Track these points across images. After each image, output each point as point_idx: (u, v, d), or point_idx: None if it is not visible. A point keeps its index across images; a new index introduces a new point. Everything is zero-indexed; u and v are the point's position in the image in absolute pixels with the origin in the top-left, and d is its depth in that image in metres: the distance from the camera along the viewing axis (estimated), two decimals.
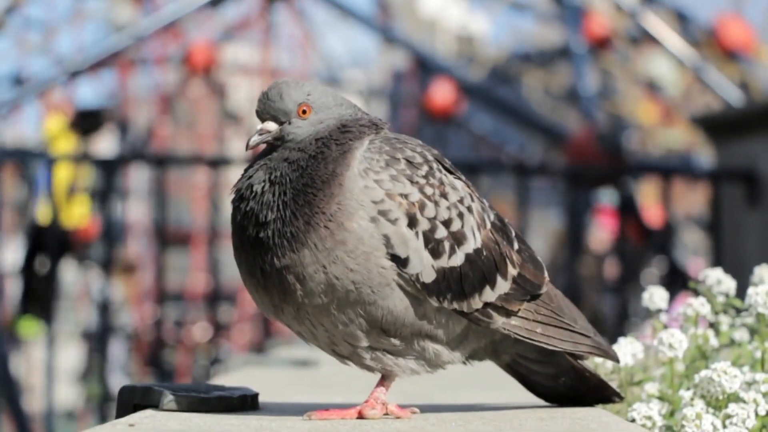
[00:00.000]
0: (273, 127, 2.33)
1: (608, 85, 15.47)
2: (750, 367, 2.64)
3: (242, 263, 2.29)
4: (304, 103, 2.33)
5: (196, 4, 12.72)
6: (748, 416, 2.38)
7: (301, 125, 2.32)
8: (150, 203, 13.70)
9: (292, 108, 2.32)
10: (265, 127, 2.33)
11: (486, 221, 2.35)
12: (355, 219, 2.22)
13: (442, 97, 13.15)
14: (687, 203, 15.78)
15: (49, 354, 9.36)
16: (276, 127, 2.32)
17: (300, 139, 2.30)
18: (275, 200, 2.24)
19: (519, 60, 17.36)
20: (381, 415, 2.30)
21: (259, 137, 2.32)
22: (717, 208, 8.98)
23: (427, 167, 2.30)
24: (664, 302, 2.80)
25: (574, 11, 13.17)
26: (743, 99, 11.74)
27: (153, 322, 12.52)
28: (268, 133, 2.32)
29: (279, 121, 2.32)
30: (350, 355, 2.31)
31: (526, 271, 2.39)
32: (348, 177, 2.24)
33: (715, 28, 12.58)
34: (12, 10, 14.66)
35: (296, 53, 17.20)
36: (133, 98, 16.52)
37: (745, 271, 3.01)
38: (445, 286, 2.27)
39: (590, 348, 2.45)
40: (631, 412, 2.45)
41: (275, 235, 2.22)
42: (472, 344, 2.36)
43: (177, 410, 2.35)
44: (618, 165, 10.97)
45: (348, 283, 2.21)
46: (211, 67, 14.90)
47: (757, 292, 2.63)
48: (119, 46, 12.89)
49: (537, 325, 2.39)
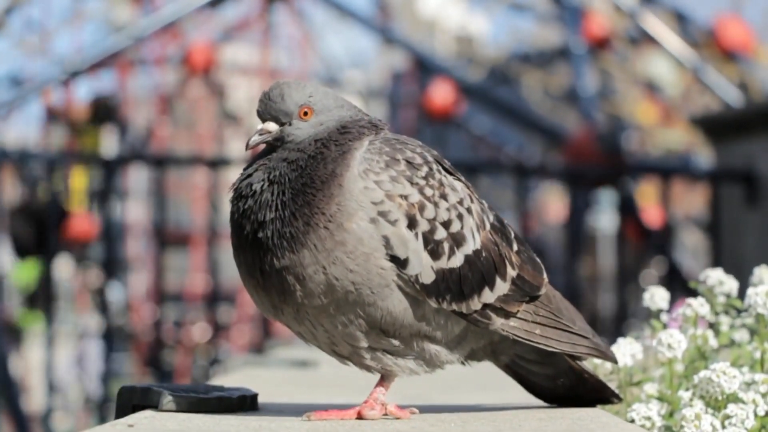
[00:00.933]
0: (273, 128, 2.32)
1: (607, 86, 15.47)
2: (749, 367, 2.64)
3: (241, 263, 2.29)
4: (306, 104, 2.33)
5: (195, 5, 12.71)
6: (747, 417, 2.38)
7: (302, 127, 2.32)
8: (149, 204, 13.71)
9: (294, 109, 2.32)
10: (265, 127, 2.33)
11: (485, 222, 2.35)
12: (355, 220, 2.22)
13: (441, 98, 13.15)
14: (686, 204, 15.80)
15: (49, 354, 9.36)
16: (276, 128, 2.32)
17: (299, 140, 2.30)
18: (274, 199, 2.24)
19: (518, 60, 17.36)
20: (380, 416, 2.30)
21: (259, 137, 2.32)
22: (716, 209, 8.99)
23: (427, 168, 2.30)
24: (664, 302, 2.80)
25: (574, 12, 13.17)
26: (742, 99, 11.74)
27: (152, 323, 12.53)
28: (269, 133, 2.32)
29: (280, 121, 2.32)
30: (350, 355, 2.31)
31: (525, 272, 2.39)
32: (348, 178, 2.24)
33: (714, 29, 12.57)
34: (12, 10, 14.66)
35: (295, 54, 17.20)
36: (132, 99, 16.51)
37: (744, 271, 3.01)
38: (444, 287, 2.27)
39: (589, 349, 2.45)
40: (631, 412, 2.45)
41: (274, 235, 2.22)
42: (470, 345, 2.36)
43: (176, 411, 2.35)
44: (617, 165, 10.96)
45: (347, 284, 2.21)
46: (211, 67, 14.89)
47: (757, 293, 2.62)
48: (118, 46, 12.89)
49: (536, 327, 2.39)
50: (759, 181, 8.31)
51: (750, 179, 8.36)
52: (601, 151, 10.95)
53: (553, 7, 14.16)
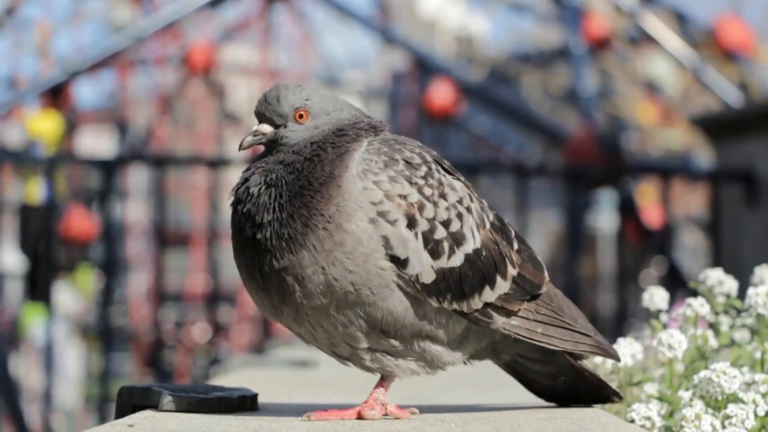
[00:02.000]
0: (267, 130, 2.33)
1: (607, 86, 15.48)
2: (749, 367, 2.64)
3: (242, 265, 2.29)
4: (302, 107, 2.33)
5: (195, 5, 12.71)
6: (747, 417, 2.38)
7: (296, 129, 2.32)
8: (149, 204, 13.71)
9: (289, 112, 2.32)
10: (259, 128, 2.33)
11: (485, 221, 2.35)
12: (354, 220, 2.22)
13: (441, 98, 13.14)
14: (686, 204, 15.80)
15: (49, 354, 9.36)
16: (270, 130, 2.33)
17: (293, 143, 2.30)
18: (271, 202, 2.24)
19: (518, 60, 17.37)
20: (380, 416, 2.30)
21: (253, 138, 2.33)
22: (716, 209, 8.99)
23: (426, 168, 2.30)
24: (664, 302, 2.80)
25: (574, 12, 13.17)
26: (742, 99, 11.74)
27: (152, 323, 12.52)
28: (263, 135, 2.33)
29: (275, 123, 2.33)
30: (350, 356, 2.30)
31: (525, 270, 2.39)
32: (346, 178, 2.24)
33: (714, 29, 12.57)
34: (11, 11, 14.65)
35: (295, 54, 17.21)
36: (132, 99, 16.52)
37: (744, 271, 3.01)
38: (444, 287, 2.27)
39: (591, 347, 2.45)
40: (631, 412, 2.45)
41: (273, 236, 2.23)
42: (472, 345, 2.36)
43: (176, 411, 2.35)
44: (617, 165, 10.96)
45: (347, 285, 2.21)
46: (211, 67, 14.89)
47: (757, 293, 2.62)
48: (118, 46, 12.88)
49: (537, 325, 2.39)
50: (759, 181, 8.31)
51: (750, 179, 8.35)
52: (601, 151, 10.95)
53: (553, 7, 14.16)
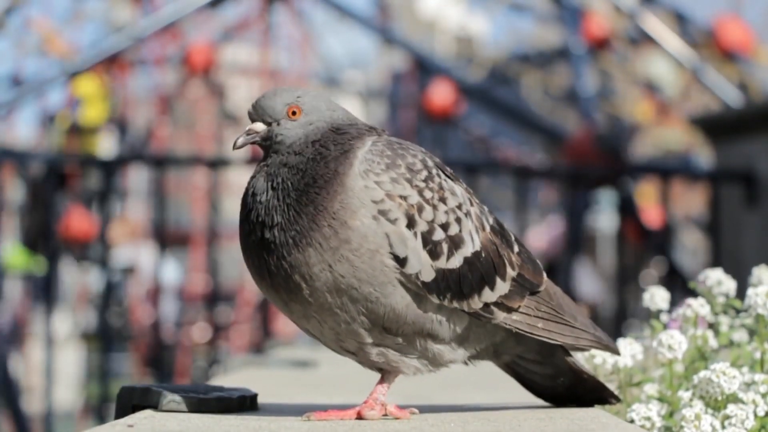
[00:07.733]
0: (261, 128, 2.33)
1: (607, 86, 15.47)
2: (749, 368, 2.64)
3: (251, 266, 2.30)
4: (294, 104, 2.33)
5: (195, 5, 12.70)
6: (747, 417, 2.38)
7: (290, 127, 2.32)
8: (149, 204, 13.70)
9: (281, 108, 2.33)
10: (252, 127, 2.34)
11: (485, 224, 2.36)
12: (358, 217, 2.23)
13: (441, 98, 13.14)
14: (686, 204, 15.80)
15: (49, 355, 9.36)
16: (264, 128, 2.33)
17: (289, 141, 2.31)
18: (279, 204, 2.25)
19: (518, 61, 17.35)
20: (380, 416, 2.31)
21: (247, 137, 2.34)
22: (716, 209, 8.98)
23: (427, 173, 2.31)
24: (664, 303, 2.80)
25: (573, 12, 13.16)
26: (742, 100, 11.73)
27: (152, 323, 12.52)
28: (256, 133, 2.34)
29: (267, 122, 2.33)
30: (357, 350, 2.32)
31: (525, 271, 2.40)
32: (349, 176, 2.25)
33: (713, 29, 12.57)
34: (11, 10, 14.66)
35: (295, 54, 17.20)
36: (132, 99, 16.51)
37: (744, 271, 3.01)
38: (444, 286, 2.28)
39: (591, 342, 2.47)
40: (630, 412, 2.45)
41: (280, 235, 2.24)
42: (473, 343, 2.37)
43: (176, 411, 2.35)
44: (617, 165, 10.96)
45: (353, 281, 2.22)
46: (210, 67, 14.88)
47: (757, 293, 2.62)
48: (118, 46, 12.88)
49: (538, 320, 2.40)
50: (759, 181, 8.31)
51: (750, 179, 8.35)
52: (601, 151, 10.95)
53: (553, 8, 14.15)
